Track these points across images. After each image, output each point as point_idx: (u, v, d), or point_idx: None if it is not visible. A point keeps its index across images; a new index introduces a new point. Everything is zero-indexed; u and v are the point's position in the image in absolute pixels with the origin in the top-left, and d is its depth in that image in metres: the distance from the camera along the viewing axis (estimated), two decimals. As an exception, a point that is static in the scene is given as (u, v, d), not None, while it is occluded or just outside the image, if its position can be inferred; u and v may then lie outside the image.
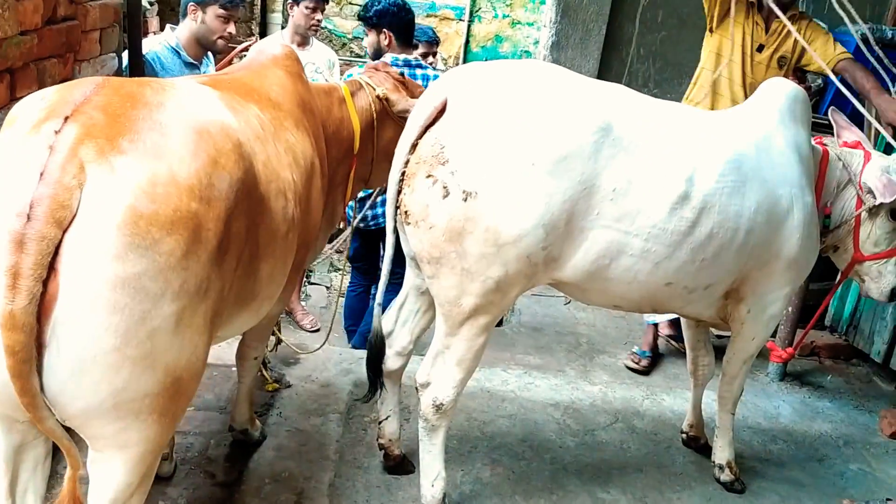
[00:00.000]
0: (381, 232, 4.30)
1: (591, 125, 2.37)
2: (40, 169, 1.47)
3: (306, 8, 4.50)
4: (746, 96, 3.78)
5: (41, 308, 1.45)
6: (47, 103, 1.63)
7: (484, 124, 2.35)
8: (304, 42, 4.64)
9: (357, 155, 2.94)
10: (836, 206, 3.15)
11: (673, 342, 4.64)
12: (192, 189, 1.62)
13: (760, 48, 3.97)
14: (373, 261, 4.46)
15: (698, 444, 3.51)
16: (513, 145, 2.32)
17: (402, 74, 3.17)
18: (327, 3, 4.81)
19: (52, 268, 1.46)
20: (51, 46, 2.51)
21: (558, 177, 2.33)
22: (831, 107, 3.43)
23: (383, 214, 4.06)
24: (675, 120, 2.62)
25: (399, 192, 2.48)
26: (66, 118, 1.55)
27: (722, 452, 3.27)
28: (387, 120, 3.00)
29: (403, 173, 2.46)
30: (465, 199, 2.32)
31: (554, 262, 2.47)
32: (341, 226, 4.10)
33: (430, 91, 2.54)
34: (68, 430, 1.67)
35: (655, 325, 4.50)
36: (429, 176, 2.37)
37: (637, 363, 4.41)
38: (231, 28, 3.77)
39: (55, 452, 1.86)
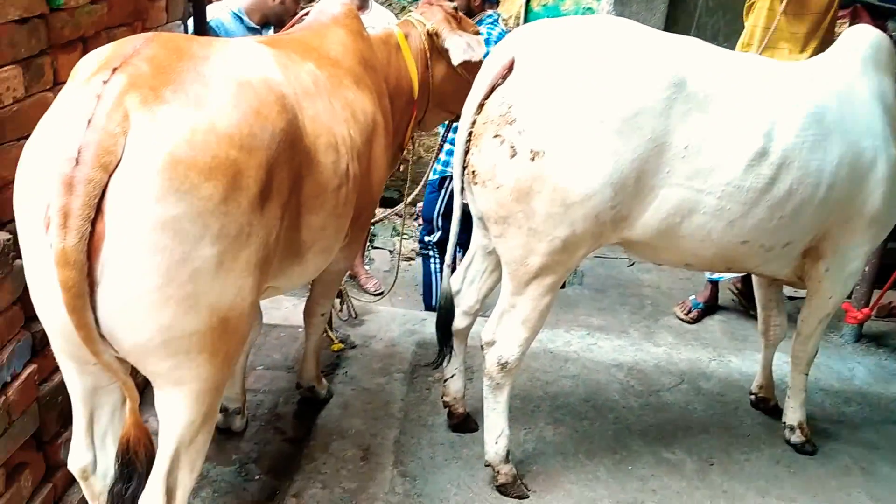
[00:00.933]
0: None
1: (663, 81, 2.31)
2: (88, 117, 1.54)
3: None
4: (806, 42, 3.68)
5: (91, 247, 1.53)
6: (102, 57, 1.70)
7: (552, 83, 2.32)
8: (363, 5, 4.62)
9: (417, 102, 2.95)
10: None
11: (743, 300, 4.54)
12: (231, 138, 1.66)
13: None
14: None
15: (768, 405, 3.44)
16: (581, 103, 2.28)
17: (455, 10, 3.13)
18: None
19: (99, 209, 1.52)
20: (120, 15, 2.57)
21: (628, 134, 2.29)
22: None
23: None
24: (752, 73, 2.54)
25: (466, 152, 2.48)
26: (115, 69, 1.61)
27: (793, 413, 3.20)
28: (438, 57, 2.99)
29: (470, 133, 2.45)
30: (533, 159, 2.30)
31: (623, 221, 2.44)
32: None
33: (498, 50, 2.51)
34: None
35: (715, 282, 4.42)
36: (496, 136, 2.36)
37: (686, 313, 4.36)
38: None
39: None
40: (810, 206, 2.55)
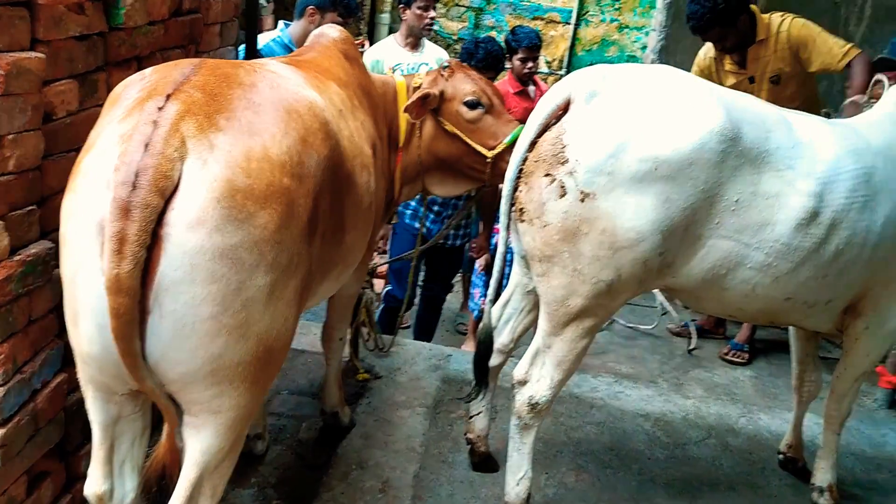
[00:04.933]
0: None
1: (719, 134, 2.31)
2: (145, 141, 1.55)
3: (418, 8, 4.56)
4: None
5: (145, 274, 1.52)
6: (149, 83, 1.73)
7: (607, 126, 2.33)
8: (416, 44, 4.69)
9: (403, 150, 2.86)
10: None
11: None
12: (283, 165, 1.68)
13: (752, 80, 4.09)
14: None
15: (796, 466, 3.35)
16: (635, 149, 2.28)
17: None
18: (438, 1, 4.85)
19: (156, 236, 1.52)
20: (176, 37, 2.64)
21: (681, 183, 2.29)
22: None
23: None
24: (803, 131, 2.53)
25: (515, 188, 2.49)
26: (169, 96, 1.63)
27: (823, 475, 3.10)
28: (431, 121, 2.88)
29: (521, 170, 2.47)
30: (583, 200, 2.30)
31: (668, 268, 2.43)
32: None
33: (554, 90, 2.53)
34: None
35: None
36: (547, 174, 2.36)
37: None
38: None
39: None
40: (855, 266, 2.52)
